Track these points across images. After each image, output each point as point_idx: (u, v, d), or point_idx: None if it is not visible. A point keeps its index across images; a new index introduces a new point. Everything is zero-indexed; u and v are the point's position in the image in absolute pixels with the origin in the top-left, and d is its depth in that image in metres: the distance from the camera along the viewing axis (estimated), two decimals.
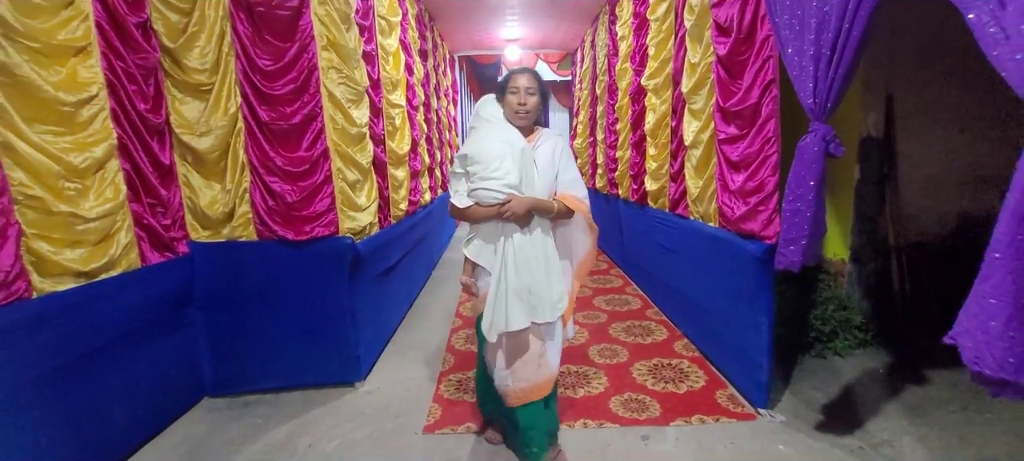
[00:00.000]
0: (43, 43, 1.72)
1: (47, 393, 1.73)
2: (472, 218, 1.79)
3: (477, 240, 1.81)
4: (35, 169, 1.68)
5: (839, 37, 1.54)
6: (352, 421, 2.38)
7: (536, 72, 1.80)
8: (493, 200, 1.70)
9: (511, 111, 1.77)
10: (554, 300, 1.77)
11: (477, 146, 1.76)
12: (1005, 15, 1.02)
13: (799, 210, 1.70)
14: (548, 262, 1.77)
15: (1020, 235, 0.96)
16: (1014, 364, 0.97)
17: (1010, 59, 1.00)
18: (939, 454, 1.95)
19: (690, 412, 2.36)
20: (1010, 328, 0.97)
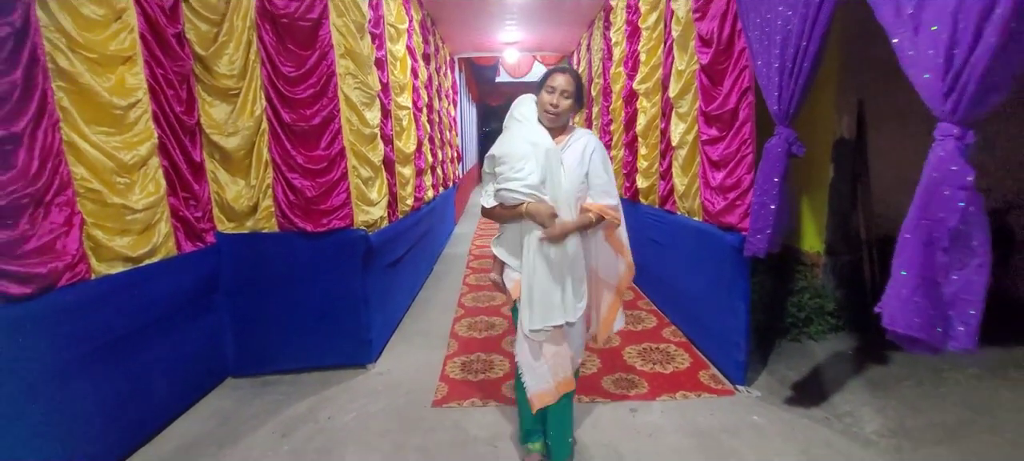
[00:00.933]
0: (99, 53, 1.94)
1: (98, 365, 1.95)
2: (497, 218, 1.83)
3: (504, 238, 1.85)
4: (93, 165, 1.90)
5: (798, 53, 1.77)
6: (366, 397, 2.61)
7: (576, 73, 1.77)
8: (515, 200, 1.70)
9: (542, 110, 1.75)
10: (575, 299, 1.76)
11: (504, 147, 1.76)
12: (918, 40, 1.25)
13: (765, 203, 1.94)
14: (572, 261, 1.74)
15: (923, 220, 1.19)
16: (919, 323, 1.21)
17: (919, 78, 1.23)
18: (893, 421, 2.19)
19: (675, 389, 2.59)
20: (916, 295, 1.20)
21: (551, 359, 1.81)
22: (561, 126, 1.78)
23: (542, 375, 1.82)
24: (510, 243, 1.82)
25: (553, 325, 1.74)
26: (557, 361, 1.82)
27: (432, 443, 2.18)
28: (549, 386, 1.81)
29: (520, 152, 1.71)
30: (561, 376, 1.82)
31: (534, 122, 1.77)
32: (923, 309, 1.22)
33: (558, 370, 1.82)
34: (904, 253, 1.23)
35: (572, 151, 1.75)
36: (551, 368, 1.81)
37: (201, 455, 2.15)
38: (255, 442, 2.24)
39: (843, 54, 3.03)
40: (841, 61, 3.04)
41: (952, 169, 1.16)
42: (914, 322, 1.21)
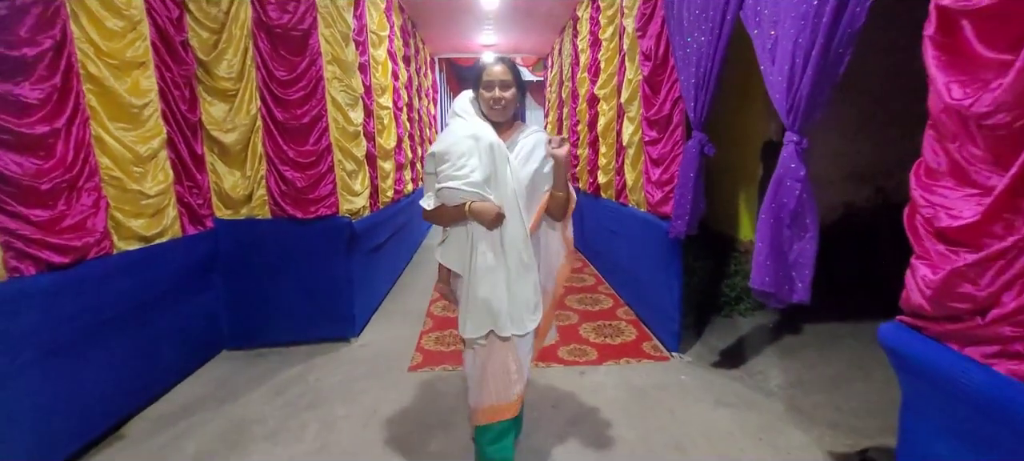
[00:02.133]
0: (119, 60, 2.25)
1: (118, 330, 2.26)
2: (440, 220, 1.66)
3: (449, 244, 1.68)
4: (115, 156, 2.21)
5: (707, 72, 2.18)
6: (350, 364, 2.96)
7: (512, 62, 1.64)
8: (457, 200, 1.56)
9: (486, 106, 1.62)
10: (526, 312, 1.63)
11: (444, 143, 1.60)
12: (773, 70, 1.67)
13: (684, 194, 2.35)
14: (522, 267, 1.61)
15: (773, 204, 1.61)
16: (771, 282, 1.62)
17: (775, 97, 1.64)
18: (792, 377, 2.64)
19: (620, 356, 3.00)
20: (768, 260, 1.62)
21: (485, 375, 1.65)
22: (508, 119, 1.66)
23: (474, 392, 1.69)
24: (457, 249, 1.64)
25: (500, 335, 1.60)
26: (495, 381, 1.64)
27: (407, 398, 2.55)
28: (483, 403, 1.66)
29: (462, 148, 1.55)
30: (492, 400, 1.64)
31: (475, 116, 1.64)
32: (774, 271, 1.64)
33: (494, 390, 1.64)
34: (761, 229, 1.65)
35: (521, 147, 1.64)
36: (481, 386, 1.66)
37: (204, 410, 2.47)
38: (252, 399, 2.57)
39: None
40: None
41: (792, 166, 1.58)
42: (766, 280, 1.63)
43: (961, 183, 1.04)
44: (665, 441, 2.14)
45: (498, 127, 1.65)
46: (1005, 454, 0.97)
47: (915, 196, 1.13)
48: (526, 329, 1.64)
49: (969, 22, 0.99)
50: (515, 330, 1.62)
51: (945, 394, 1.08)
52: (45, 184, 1.86)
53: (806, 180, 1.56)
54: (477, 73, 1.65)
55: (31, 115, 1.82)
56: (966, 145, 1.03)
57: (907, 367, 1.17)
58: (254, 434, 2.25)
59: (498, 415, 1.65)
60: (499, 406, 1.65)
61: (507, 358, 1.64)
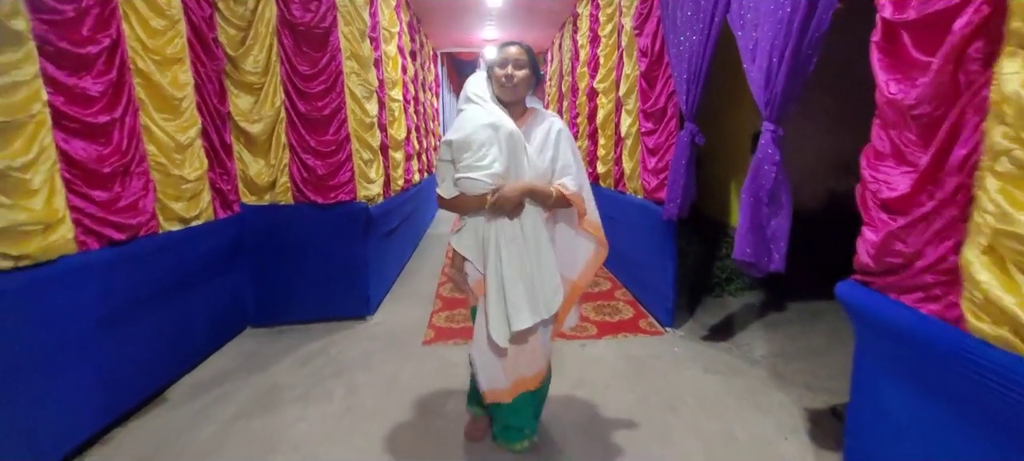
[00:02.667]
0: (162, 56, 2.46)
1: (160, 304, 2.48)
2: (459, 209, 1.66)
3: (465, 232, 1.68)
4: (160, 144, 2.43)
5: (698, 69, 2.41)
6: (368, 339, 3.19)
7: (528, 46, 1.62)
8: (479, 190, 1.55)
9: (498, 85, 1.60)
10: (549, 295, 1.64)
11: (462, 132, 1.57)
12: (753, 68, 1.90)
13: (676, 180, 2.58)
14: (540, 255, 1.62)
15: (752, 185, 1.84)
16: (751, 253, 1.86)
17: (755, 92, 1.87)
18: (776, 348, 2.89)
19: (618, 331, 3.24)
20: (749, 234, 1.86)
21: (512, 359, 1.70)
22: (519, 101, 1.65)
23: (495, 376, 1.73)
24: (472, 238, 1.66)
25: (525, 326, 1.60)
26: (520, 359, 1.71)
27: (424, 368, 2.78)
28: (503, 385, 1.72)
29: (482, 138, 1.54)
30: (518, 375, 1.72)
31: (491, 102, 1.62)
32: (754, 243, 1.88)
33: (519, 368, 1.71)
34: (743, 207, 1.88)
35: (536, 134, 1.64)
36: (506, 369, 1.71)
37: (237, 379, 2.70)
38: (280, 369, 2.80)
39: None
40: None
41: (769, 152, 1.82)
42: (747, 252, 1.87)
43: (899, 163, 1.27)
44: (658, 402, 2.38)
45: (511, 111, 1.64)
46: (930, 379, 1.21)
47: (864, 175, 1.37)
48: (552, 311, 1.66)
49: (905, 31, 1.22)
50: (544, 314, 1.64)
51: (885, 335, 1.32)
52: (106, 168, 2.08)
53: (781, 164, 1.80)
54: (492, 57, 1.65)
55: (94, 106, 2.04)
56: (903, 131, 1.26)
57: (857, 315, 1.41)
58: (285, 398, 2.48)
59: (526, 386, 1.75)
60: (525, 379, 1.75)
61: (535, 338, 1.71)
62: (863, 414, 1.44)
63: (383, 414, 2.31)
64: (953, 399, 1.14)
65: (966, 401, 1.10)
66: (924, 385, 1.24)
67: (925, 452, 1.24)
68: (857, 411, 1.47)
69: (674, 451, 2.00)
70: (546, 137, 1.64)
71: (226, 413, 2.34)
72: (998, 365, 1.00)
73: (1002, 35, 1.00)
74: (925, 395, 1.23)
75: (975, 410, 1.09)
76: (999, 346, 1.01)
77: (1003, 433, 1.04)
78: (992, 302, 1.01)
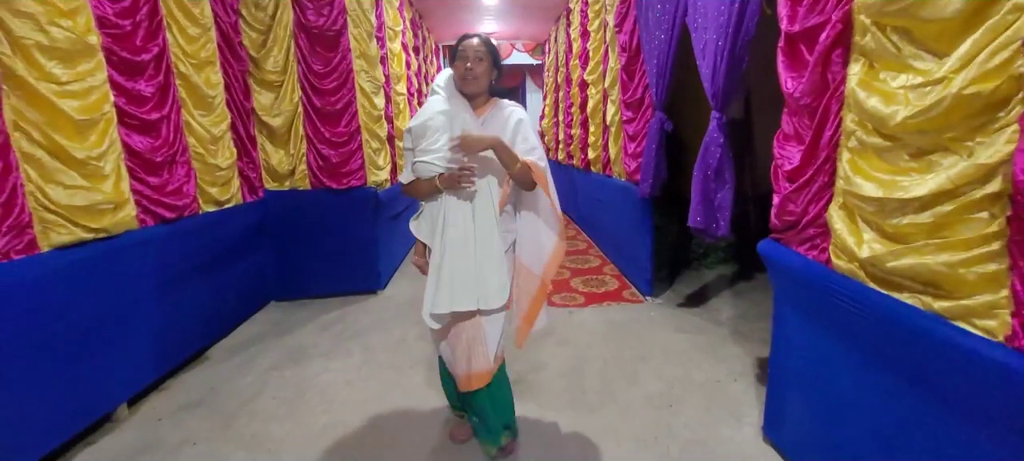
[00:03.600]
0: (197, 59, 2.83)
1: (200, 276, 2.87)
2: (417, 193, 1.72)
3: (423, 217, 1.73)
4: (198, 136, 2.81)
5: (665, 64, 2.75)
6: (379, 310, 3.58)
7: (487, 39, 1.67)
8: (431, 173, 1.60)
9: (459, 77, 1.65)
10: (491, 291, 1.65)
11: (419, 119, 1.64)
12: (703, 64, 2.24)
13: (648, 162, 2.94)
14: (488, 249, 1.65)
15: (702, 163, 2.19)
16: (701, 221, 2.22)
17: (706, 86, 2.22)
18: (740, 311, 3.26)
19: (602, 301, 3.62)
20: (700, 205, 2.22)
21: (458, 347, 1.70)
22: (480, 92, 1.68)
23: (450, 358, 1.77)
24: (429, 223, 1.70)
25: (460, 310, 1.63)
26: (460, 349, 1.70)
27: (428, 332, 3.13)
28: (462, 371, 1.72)
29: (436, 124, 1.61)
30: (468, 368, 1.70)
31: (452, 92, 1.69)
32: (703, 212, 2.24)
33: (466, 360, 1.70)
34: (694, 182, 2.24)
35: (495, 121, 1.67)
36: (456, 355, 1.72)
37: (266, 341, 3.10)
38: (304, 333, 3.20)
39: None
40: None
41: (715, 135, 2.17)
42: (698, 220, 2.23)
43: (797, 143, 1.62)
44: (632, 354, 2.75)
45: (473, 102, 1.69)
46: (812, 307, 1.57)
47: (775, 153, 1.72)
48: (491, 306, 1.65)
49: (800, 39, 1.57)
50: (481, 305, 1.63)
51: (786, 277, 1.68)
52: (158, 157, 2.46)
53: (725, 145, 2.15)
54: (453, 49, 1.67)
55: (146, 105, 2.41)
56: (801, 118, 1.61)
57: (771, 265, 1.76)
58: (312, 354, 2.88)
59: (472, 383, 1.70)
60: (473, 374, 1.69)
61: (475, 332, 1.67)
62: (778, 342, 1.81)
63: (395, 367, 2.70)
64: (826, 321, 1.50)
65: (833, 321, 1.47)
66: (809, 312, 1.60)
67: (810, 362, 1.61)
68: (775, 340, 1.83)
69: (640, 390, 2.38)
70: (505, 125, 1.66)
71: (261, 366, 2.74)
72: (847, 290, 1.36)
73: (851, 46, 1.35)
74: (810, 320, 1.59)
75: (838, 326, 1.45)
76: (849, 276, 1.37)
77: (856, 341, 1.40)
78: (844, 244, 1.37)
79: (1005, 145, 0.95)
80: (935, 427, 1.17)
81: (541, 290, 1.77)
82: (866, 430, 1.39)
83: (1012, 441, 0.99)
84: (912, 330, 1.17)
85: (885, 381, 1.31)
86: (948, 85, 1.01)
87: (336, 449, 2.01)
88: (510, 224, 1.77)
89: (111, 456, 2.01)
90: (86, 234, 2.05)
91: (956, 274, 1.05)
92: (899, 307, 1.21)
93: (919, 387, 1.21)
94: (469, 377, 1.71)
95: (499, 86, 1.75)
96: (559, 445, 2.00)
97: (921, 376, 1.20)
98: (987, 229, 0.99)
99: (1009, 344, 0.98)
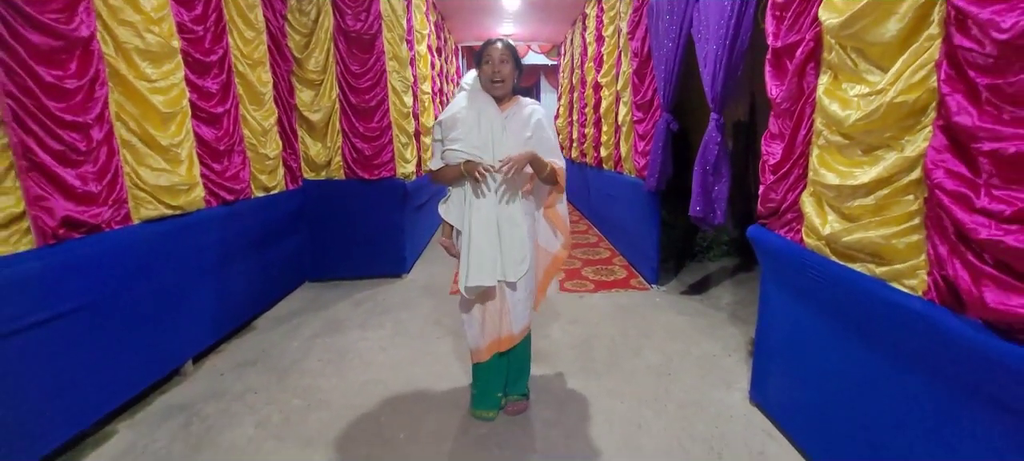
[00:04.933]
0: (252, 59, 3.17)
1: (251, 253, 3.22)
2: (443, 179, 1.90)
3: (451, 201, 1.90)
4: (252, 129, 3.15)
5: (673, 70, 3.03)
6: (405, 290, 3.91)
7: (509, 43, 1.83)
8: (459, 160, 1.79)
9: (487, 81, 1.81)
10: (514, 260, 1.83)
11: (449, 113, 1.83)
12: (705, 71, 2.52)
13: (654, 159, 3.21)
14: (511, 227, 1.82)
15: (701, 159, 2.47)
16: (700, 211, 2.50)
17: (706, 89, 2.50)
18: (738, 298, 3.52)
19: (611, 287, 3.90)
20: (700, 196, 2.49)
21: (483, 318, 1.90)
22: (507, 93, 1.85)
23: (474, 334, 1.95)
24: (457, 206, 1.88)
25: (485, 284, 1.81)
26: (490, 320, 1.90)
27: (452, 309, 3.47)
28: (480, 344, 1.95)
29: (463, 117, 1.80)
30: (492, 336, 1.92)
31: (478, 89, 1.86)
32: (703, 203, 2.51)
33: (489, 330, 1.90)
34: (695, 176, 2.52)
35: (517, 118, 1.85)
36: (482, 327, 1.91)
37: (306, 314, 3.43)
38: (339, 308, 3.53)
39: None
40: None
41: (713, 134, 2.45)
42: (697, 210, 2.51)
43: (780, 141, 1.90)
44: (636, 332, 3.03)
45: (498, 101, 1.86)
46: (790, 283, 1.84)
47: (763, 150, 1.99)
48: (514, 276, 1.84)
49: (783, 53, 1.84)
50: (505, 276, 1.84)
51: (770, 256, 1.95)
52: (221, 146, 2.80)
53: (723, 143, 2.42)
54: (478, 54, 1.84)
55: (212, 100, 2.76)
56: (784, 120, 1.88)
57: (757, 246, 2.04)
58: (348, 326, 3.21)
59: (498, 347, 1.94)
60: (501, 339, 1.93)
61: (501, 301, 1.89)
62: (763, 315, 2.08)
63: (423, 337, 3.02)
64: (799, 291, 1.78)
65: (804, 291, 1.74)
66: (787, 286, 1.87)
67: (787, 330, 1.88)
68: (760, 314, 2.10)
69: (642, 361, 2.66)
70: (527, 121, 1.85)
71: (305, 334, 3.08)
72: (814, 262, 1.64)
73: (821, 60, 1.63)
74: (788, 292, 1.86)
75: (807, 295, 1.73)
76: (816, 252, 1.65)
77: (822, 306, 1.67)
78: (812, 225, 1.65)
79: (923, 142, 1.22)
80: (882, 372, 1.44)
81: (554, 264, 2.10)
82: (831, 383, 1.67)
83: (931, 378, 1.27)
84: (861, 292, 1.45)
85: (843, 338, 1.59)
86: (885, 95, 1.29)
87: (377, 400, 2.32)
88: (532, 207, 1.98)
89: (185, 401, 2.35)
90: (167, 210, 2.40)
91: (890, 244, 1.33)
92: (852, 274, 1.48)
93: (868, 341, 1.49)
94: (498, 341, 1.94)
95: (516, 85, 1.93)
96: (569, 401, 2.29)
97: (869, 331, 1.48)
98: (911, 208, 1.27)
99: (926, 297, 1.25)
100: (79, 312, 1.94)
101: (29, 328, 1.74)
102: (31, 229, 1.77)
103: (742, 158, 4.46)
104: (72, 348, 1.91)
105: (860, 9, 1.33)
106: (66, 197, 1.88)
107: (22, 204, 1.74)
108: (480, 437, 2.02)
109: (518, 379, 2.12)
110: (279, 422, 2.16)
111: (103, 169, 2.03)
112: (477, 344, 1.98)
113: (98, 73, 2.00)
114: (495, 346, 1.96)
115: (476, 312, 1.94)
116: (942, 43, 1.17)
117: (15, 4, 1.66)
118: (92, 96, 1.97)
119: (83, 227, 1.96)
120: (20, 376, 1.72)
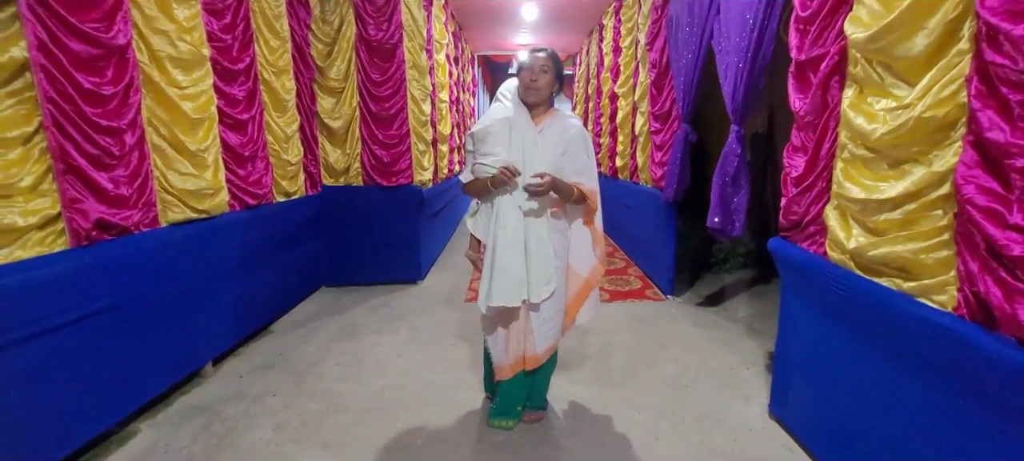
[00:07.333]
0: (276, 67, 3.24)
1: (270, 257, 3.26)
2: (475, 192, 1.88)
3: (480, 214, 1.88)
4: (275, 135, 3.21)
5: (692, 81, 3.03)
6: (420, 297, 3.93)
7: (554, 53, 1.77)
8: (486, 175, 1.75)
9: (522, 87, 1.77)
10: (538, 282, 1.77)
11: (482, 125, 1.79)
12: (725, 84, 2.52)
13: (672, 170, 3.21)
14: (537, 246, 1.77)
15: (721, 170, 2.47)
16: (719, 222, 2.49)
17: (727, 101, 2.50)
18: (755, 311, 3.49)
19: (626, 298, 3.89)
20: (718, 207, 2.49)
21: (507, 337, 1.86)
22: (542, 102, 1.80)
23: (499, 352, 1.92)
24: (485, 220, 1.86)
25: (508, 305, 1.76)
26: (514, 339, 1.86)
27: (466, 315, 3.49)
28: (504, 362, 1.91)
29: (495, 130, 1.76)
30: (516, 355, 1.88)
31: (516, 101, 1.81)
32: (722, 214, 2.51)
33: (513, 349, 1.87)
34: (714, 187, 2.51)
35: (551, 131, 1.79)
36: (505, 346, 1.88)
37: (323, 318, 3.47)
38: (355, 313, 3.57)
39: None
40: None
41: (734, 146, 2.44)
42: (716, 220, 2.50)
43: (803, 153, 1.89)
44: (652, 343, 3.02)
45: (533, 111, 1.81)
46: (812, 294, 1.83)
47: (785, 162, 1.98)
48: (537, 297, 1.78)
49: (807, 66, 1.84)
50: (529, 297, 1.78)
51: (792, 269, 1.93)
52: (245, 151, 2.86)
53: (742, 155, 2.42)
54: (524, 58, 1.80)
55: (238, 107, 2.82)
56: (807, 133, 1.88)
57: (779, 258, 2.02)
58: (364, 331, 3.24)
59: (523, 365, 1.91)
60: (525, 358, 1.90)
61: (525, 320, 1.85)
62: (784, 327, 2.06)
63: (438, 343, 3.04)
64: (823, 305, 1.76)
65: (828, 305, 1.73)
66: (809, 299, 1.86)
67: (810, 343, 1.86)
68: (781, 327, 2.09)
69: (659, 372, 2.65)
70: (562, 136, 1.79)
71: (322, 338, 3.11)
72: (838, 276, 1.63)
73: (846, 74, 1.62)
74: (810, 305, 1.85)
75: (831, 309, 1.71)
76: (840, 266, 1.64)
77: (845, 320, 1.66)
78: (836, 238, 1.64)
79: (953, 157, 1.21)
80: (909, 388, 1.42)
81: (585, 288, 2.00)
82: (855, 398, 1.65)
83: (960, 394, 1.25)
84: (887, 307, 1.43)
85: (868, 353, 1.57)
86: (913, 109, 1.29)
87: (394, 404, 2.34)
88: (563, 225, 1.90)
89: (205, 402, 2.39)
90: (193, 214, 2.45)
91: (918, 259, 1.32)
92: (878, 289, 1.47)
93: (895, 356, 1.47)
94: (523, 360, 1.89)
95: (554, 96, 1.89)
96: (586, 410, 2.29)
97: (896, 346, 1.46)
98: (940, 222, 1.26)
99: (956, 313, 1.24)
100: (107, 312, 1.99)
101: (61, 327, 1.79)
102: (65, 230, 1.83)
103: (760, 170, 4.43)
104: (99, 347, 1.96)
105: (888, 24, 1.33)
106: (99, 200, 1.94)
107: (58, 206, 1.80)
108: (497, 444, 2.03)
109: (539, 392, 2.13)
110: (297, 425, 2.19)
111: (134, 173, 2.08)
112: (501, 362, 1.95)
113: (132, 80, 2.06)
114: (519, 365, 1.93)
115: (500, 332, 1.91)
116: (973, 58, 1.16)
117: (59, 13, 1.73)
118: (126, 102, 2.04)
119: (114, 229, 2.01)
120: (50, 374, 1.77)
